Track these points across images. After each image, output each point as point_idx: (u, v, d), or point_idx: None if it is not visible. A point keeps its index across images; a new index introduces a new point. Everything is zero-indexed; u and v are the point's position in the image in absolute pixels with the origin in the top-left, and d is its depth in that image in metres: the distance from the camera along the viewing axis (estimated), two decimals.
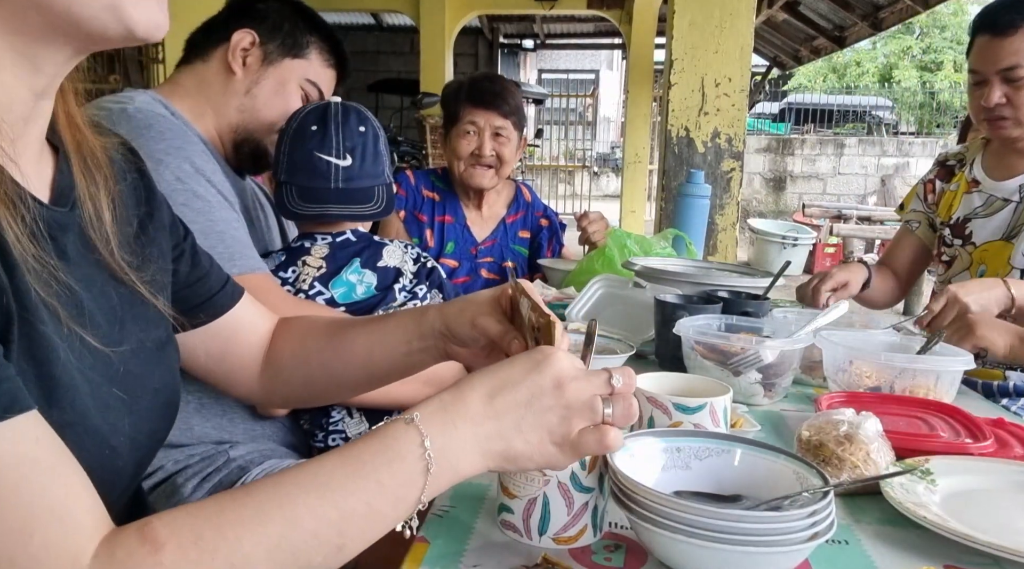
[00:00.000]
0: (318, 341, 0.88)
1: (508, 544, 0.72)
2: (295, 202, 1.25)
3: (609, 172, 14.13)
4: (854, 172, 11.88)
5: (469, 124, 1.97)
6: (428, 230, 2.05)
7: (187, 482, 1.14)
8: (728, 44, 2.91)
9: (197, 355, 0.85)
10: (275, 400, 0.92)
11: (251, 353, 0.88)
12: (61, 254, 0.59)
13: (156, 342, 0.71)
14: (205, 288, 0.84)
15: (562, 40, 13.08)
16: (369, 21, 11.16)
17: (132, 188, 0.74)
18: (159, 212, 0.77)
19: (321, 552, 0.53)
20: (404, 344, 0.81)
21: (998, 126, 1.64)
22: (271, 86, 1.31)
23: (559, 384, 0.59)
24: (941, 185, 1.89)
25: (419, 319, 0.81)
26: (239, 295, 0.88)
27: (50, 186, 0.62)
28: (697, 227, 2.34)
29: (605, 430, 0.59)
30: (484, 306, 0.76)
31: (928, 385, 1.14)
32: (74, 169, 0.64)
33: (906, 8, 6.10)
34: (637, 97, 8.11)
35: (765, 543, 0.61)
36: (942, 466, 0.87)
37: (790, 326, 1.29)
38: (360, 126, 1.26)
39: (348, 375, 0.86)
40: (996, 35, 1.58)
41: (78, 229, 0.63)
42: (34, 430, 0.49)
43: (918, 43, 18.74)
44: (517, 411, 0.58)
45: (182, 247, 0.82)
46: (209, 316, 0.84)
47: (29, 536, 0.46)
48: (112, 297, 0.66)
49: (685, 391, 0.93)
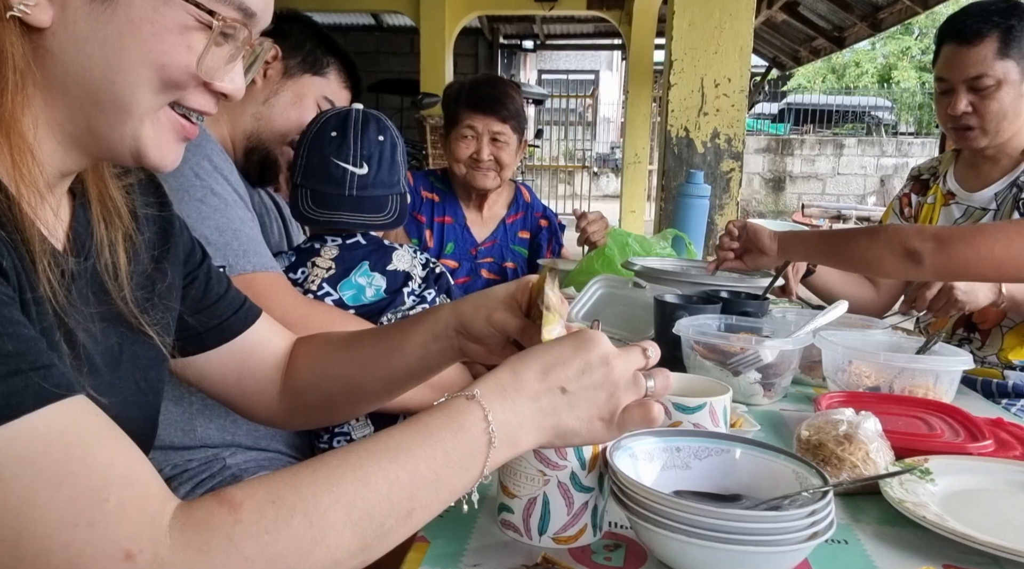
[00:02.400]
0: (335, 355, 0.88)
1: (508, 544, 0.73)
2: (308, 207, 1.25)
3: (609, 172, 14.14)
4: (853, 172, 11.90)
5: (467, 128, 1.97)
6: (427, 231, 2.05)
7: (179, 488, 1.14)
8: (728, 45, 2.91)
9: (214, 378, 0.86)
10: (297, 421, 0.91)
11: (268, 374, 0.88)
12: (71, 300, 0.60)
13: (150, 383, 0.72)
14: (220, 309, 0.84)
15: (562, 41, 13.08)
16: (369, 22, 11.15)
17: (150, 226, 0.75)
18: (175, 248, 0.78)
19: (393, 514, 0.55)
20: (420, 347, 0.81)
21: (964, 135, 1.64)
22: (289, 97, 1.34)
23: (606, 361, 0.62)
24: (917, 199, 1.89)
25: (433, 319, 0.81)
26: (255, 316, 0.88)
27: (66, 233, 0.64)
28: (697, 227, 2.34)
29: (649, 405, 0.62)
30: (500, 302, 0.77)
31: (927, 385, 1.14)
32: (93, 217, 0.66)
33: (905, 9, 6.10)
34: (637, 97, 8.10)
35: (765, 543, 0.61)
36: (941, 466, 0.87)
37: (789, 326, 1.29)
38: (379, 135, 1.27)
39: (368, 386, 0.86)
40: (962, 44, 1.57)
41: (91, 276, 0.65)
42: (93, 408, 0.51)
43: (917, 44, 18.74)
44: (570, 386, 0.61)
45: (196, 273, 0.83)
46: (225, 337, 0.85)
47: (105, 498, 0.48)
48: (112, 336, 0.67)
49: (685, 391, 0.93)
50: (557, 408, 0.61)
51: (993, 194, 1.67)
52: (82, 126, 0.59)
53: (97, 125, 0.59)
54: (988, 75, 1.55)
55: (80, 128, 0.59)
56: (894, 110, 15.62)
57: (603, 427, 0.62)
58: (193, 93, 0.60)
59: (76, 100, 0.57)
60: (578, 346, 0.62)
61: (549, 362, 0.62)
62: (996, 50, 1.55)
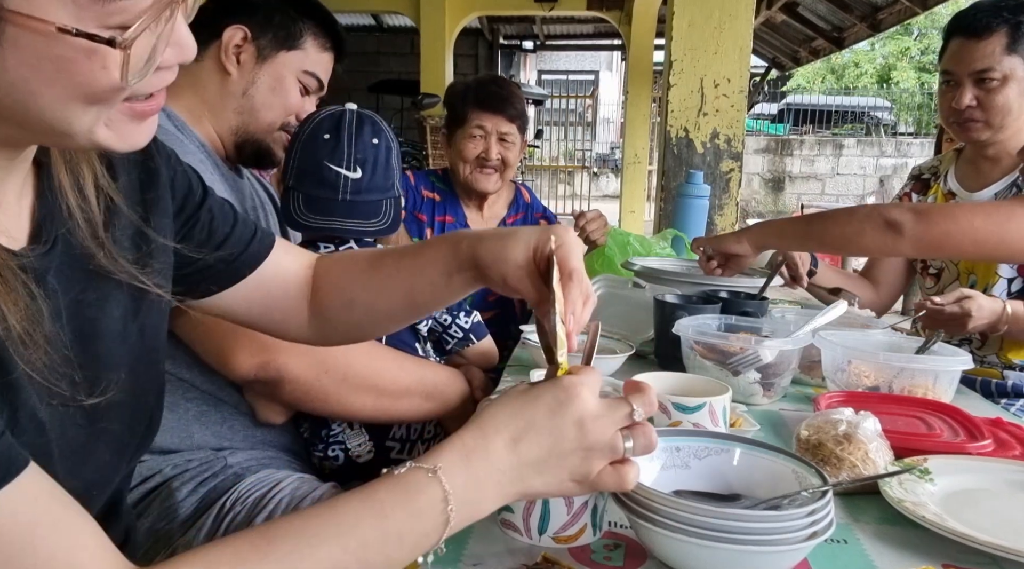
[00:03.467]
0: (358, 279, 0.86)
1: (508, 543, 0.73)
2: (301, 212, 1.23)
3: (609, 172, 14.14)
4: (853, 173, 11.90)
5: (476, 128, 1.96)
6: (428, 230, 2.05)
7: (182, 487, 1.14)
8: (727, 45, 2.91)
9: (238, 312, 0.84)
10: (332, 339, 0.91)
11: (293, 302, 0.87)
12: (43, 293, 0.56)
13: (156, 349, 0.71)
14: (230, 247, 0.81)
15: (562, 41, 13.08)
16: (369, 22, 11.15)
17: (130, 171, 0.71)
18: (163, 196, 0.74)
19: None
20: (443, 276, 0.79)
21: (967, 127, 1.64)
22: (267, 85, 1.28)
23: (581, 425, 0.59)
24: (917, 198, 1.89)
25: (453, 253, 0.78)
26: (269, 246, 0.86)
27: (30, 217, 0.59)
28: (696, 227, 2.34)
29: (624, 471, 0.61)
30: (517, 266, 0.72)
31: (927, 385, 1.14)
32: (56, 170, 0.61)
33: (904, 9, 6.10)
34: (636, 98, 8.10)
35: (764, 542, 0.61)
36: (940, 465, 0.87)
37: (789, 326, 1.29)
38: (374, 138, 1.24)
39: (393, 310, 0.85)
40: (971, 37, 1.58)
41: (62, 257, 0.60)
42: (33, 489, 0.48)
43: (916, 44, 18.74)
44: (540, 455, 0.59)
45: (196, 215, 0.79)
46: (241, 273, 0.82)
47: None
48: (115, 309, 0.65)
49: (684, 391, 0.93)
50: (524, 476, 0.59)
51: (994, 194, 1.67)
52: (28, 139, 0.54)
53: (45, 140, 0.55)
54: (995, 69, 1.56)
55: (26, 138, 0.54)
56: (893, 110, 15.62)
57: (575, 487, 0.61)
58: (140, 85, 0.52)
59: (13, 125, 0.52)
60: (554, 409, 0.59)
61: (520, 428, 0.59)
62: (1005, 45, 1.55)
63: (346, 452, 1.27)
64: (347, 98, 1.32)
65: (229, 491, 1.12)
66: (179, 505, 1.12)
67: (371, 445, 1.29)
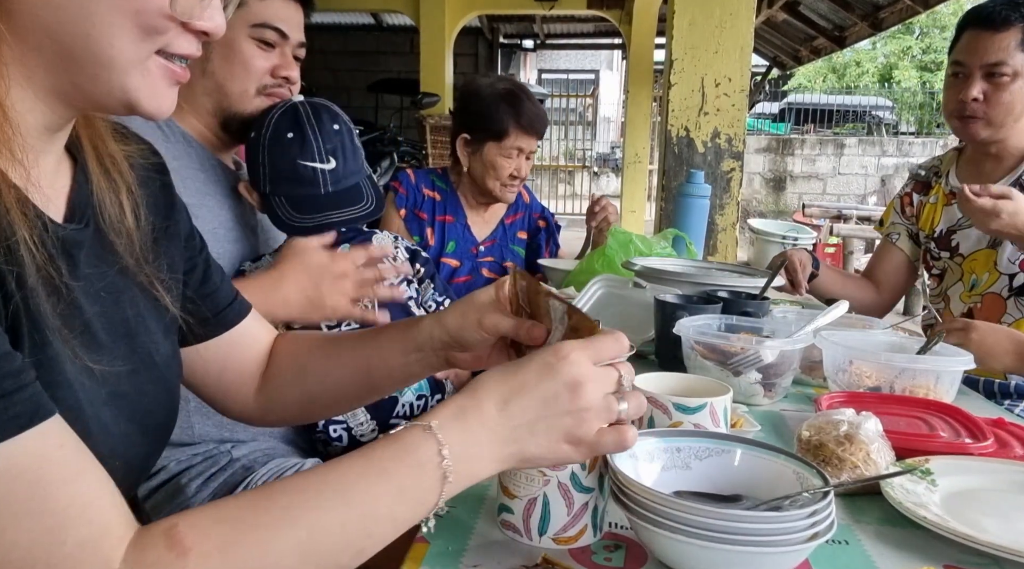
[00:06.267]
0: (316, 353, 0.87)
1: (508, 544, 0.72)
2: (290, 214, 1.24)
3: (609, 172, 14.12)
4: (854, 172, 11.88)
5: (516, 149, 1.96)
6: (428, 228, 2.05)
7: (191, 482, 1.14)
8: (728, 44, 2.90)
9: (195, 369, 0.85)
10: (270, 418, 0.90)
11: (249, 369, 0.88)
12: (74, 272, 0.59)
13: (163, 357, 0.72)
14: (214, 302, 0.84)
15: (562, 40, 13.07)
16: (369, 21, 11.15)
17: (153, 196, 0.74)
18: (176, 225, 0.78)
19: (348, 552, 0.55)
20: (401, 356, 0.81)
21: (967, 123, 1.63)
22: (220, 55, 1.21)
23: (574, 387, 0.59)
24: (919, 198, 1.88)
25: (416, 330, 0.79)
26: (247, 310, 0.88)
27: (66, 200, 0.62)
28: (697, 227, 2.34)
29: (623, 430, 0.61)
30: (487, 306, 0.75)
31: (928, 385, 1.14)
32: (93, 173, 0.65)
33: (906, 8, 6.09)
34: (637, 97, 8.10)
35: (765, 543, 0.61)
36: (942, 466, 0.87)
37: (790, 326, 1.29)
38: (334, 125, 1.25)
39: (347, 387, 0.85)
40: (987, 29, 1.58)
41: (94, 242, 0.63)
42: (58, 435, 0.50)
43: (918, 43, 18.74)
44: (531, 416, 0.59)
45: (196, 260, 0.82)
46: (217, 329, 0.84)
47: (62, 539, 0.47)
48: (126, 309, 0.66)
49: (685, 391, 0.93)
50: (518, 437, 0.59)
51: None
52: (64, 80, 0.56)
53: (79, 79, 0.56)
54: (1007, 64, 1.56)
55: (61, 82, 0.56)
56: (895, 110, 15.61)
57: (571, 450, 0.61)
58: (175, 38, 0.57)
59: (53, 55, 0.54)
60: (543, 372, 0.60)
61: (510, 389, 0.60)
62: (1020, 40, 1.55)
63: (348, 431, 1.28)
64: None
65: (242, 484, 1.13)
66: (190, 501, 1.12)
67: (373, 423, 1.30)
